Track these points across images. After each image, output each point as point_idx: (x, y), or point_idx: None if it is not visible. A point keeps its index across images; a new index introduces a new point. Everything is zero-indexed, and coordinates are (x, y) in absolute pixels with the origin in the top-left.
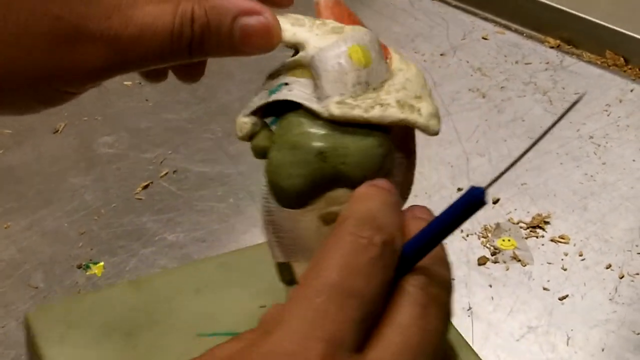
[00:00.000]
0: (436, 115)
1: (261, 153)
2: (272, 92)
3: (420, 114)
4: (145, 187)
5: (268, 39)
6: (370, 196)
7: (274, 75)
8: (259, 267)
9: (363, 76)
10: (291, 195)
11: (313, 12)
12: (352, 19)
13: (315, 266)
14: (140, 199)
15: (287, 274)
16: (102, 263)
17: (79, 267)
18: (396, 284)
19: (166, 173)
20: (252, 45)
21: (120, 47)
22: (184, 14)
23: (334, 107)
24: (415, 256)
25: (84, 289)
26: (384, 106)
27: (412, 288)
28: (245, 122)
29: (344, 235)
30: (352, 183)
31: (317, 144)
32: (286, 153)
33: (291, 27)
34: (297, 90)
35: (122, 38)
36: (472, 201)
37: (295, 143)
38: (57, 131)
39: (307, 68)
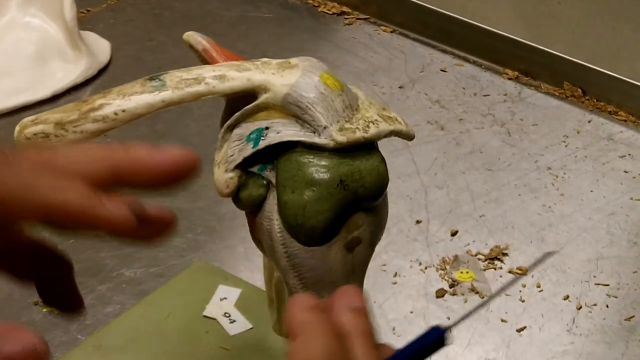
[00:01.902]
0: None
1: (256, 203)
2: (251, 139)
3: (400, 122)
4: None
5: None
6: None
7: (234, 125)
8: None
9: (346, 100)
10: (320, 232)
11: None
12: (243, 58)
13: None
14: (99, 234)
15: None
16: None
17: (35, 304)
18: None
19: None
20: None
21: None
22: None
23: (338, 136)
24: None
25: (41, 326)
26: (375, 123)
27: None
28: (231, 177)
29: None
30: (368, 204)
31: (336, 174)
32: (304, 192)
33: (239, 73)
34: (285, 130)
35: None
36: (432, 342)
37: (312, 180)
38: None
39: (276, 108)
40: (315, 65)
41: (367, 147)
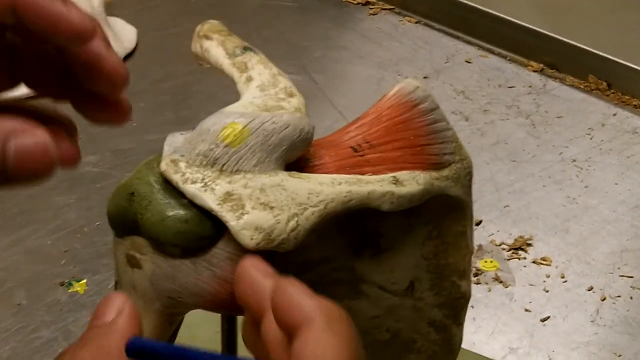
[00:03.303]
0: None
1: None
2: None
3: (236, 223)
4: None
5: (46, 160)
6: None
7: None
8: None
9: (216, 153)
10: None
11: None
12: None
13: None
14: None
15: None
16: (84, 281)
17: (62, 284)
18: None
19: None
20: (29, 169)
21: None
22: None
23: (164, 163)
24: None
25: (66, 307)
26: (208, 189)
27: None
28: None
29: None
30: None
31: (134, 186)
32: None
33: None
34: (181, 137)
35: None
36: None
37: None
38: None
39: None
40: (260, 118)
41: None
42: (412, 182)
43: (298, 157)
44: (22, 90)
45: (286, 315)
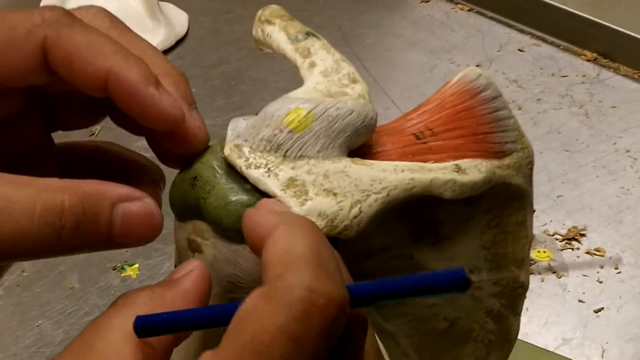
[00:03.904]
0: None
1: None
2: None
3: (300, 209)
4: None
5: (151, 226)
6: (296, 229)
7: None
8: None
9: (280, 138)
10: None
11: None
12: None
13: (244, 333)
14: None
15: None
16: (137, 265)
17: (114, 268)
18: None
19: None
20: (134, 235)
21: None
22: (48, 202)
23: (227, 148)
24: (358, 301)
25: (119, 291)
26: (271, 175)
27: None
28: None
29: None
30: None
31: (197, 171)
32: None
33: (321, 59)
34: (244, 122)
35: None
36: (448, 282)
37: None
38: (93, 134)
39: None
40: (325, 103)
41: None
42: (474, 170)
43: (361, 144)
44: None
45: (254, 240)
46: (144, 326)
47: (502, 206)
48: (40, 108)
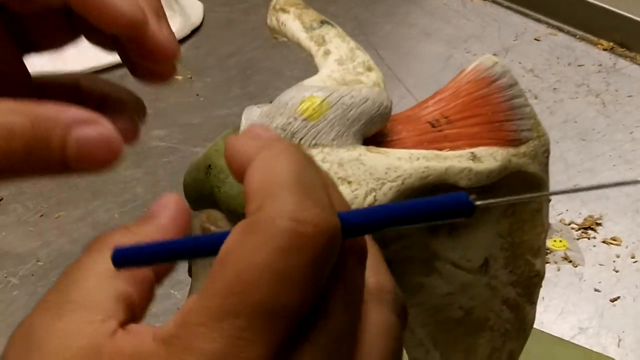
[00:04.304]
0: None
1: None
2: None
3: None
4: None
5: (109, 151)
6: (276, 154)
7: None
8: None
9: (294, 126)
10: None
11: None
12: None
13: (228, 272)
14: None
15: None
16: None
17: None
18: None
19: None
20: (91, 160)
21: None
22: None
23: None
24: (353, 230)
25: None
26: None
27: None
28: None
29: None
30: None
31: (211, 159)
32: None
33: (335, 46)
34: (258, 110)
35: None
36: (452, 207)
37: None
38: None
39: None
40: (339, 92)
41: None
42: (490, 158)
43: (376, 132)
44: (102, 61)
45: (236, 170)
46: (123, 257)
47: (518, 194)
48: (10, 28)
